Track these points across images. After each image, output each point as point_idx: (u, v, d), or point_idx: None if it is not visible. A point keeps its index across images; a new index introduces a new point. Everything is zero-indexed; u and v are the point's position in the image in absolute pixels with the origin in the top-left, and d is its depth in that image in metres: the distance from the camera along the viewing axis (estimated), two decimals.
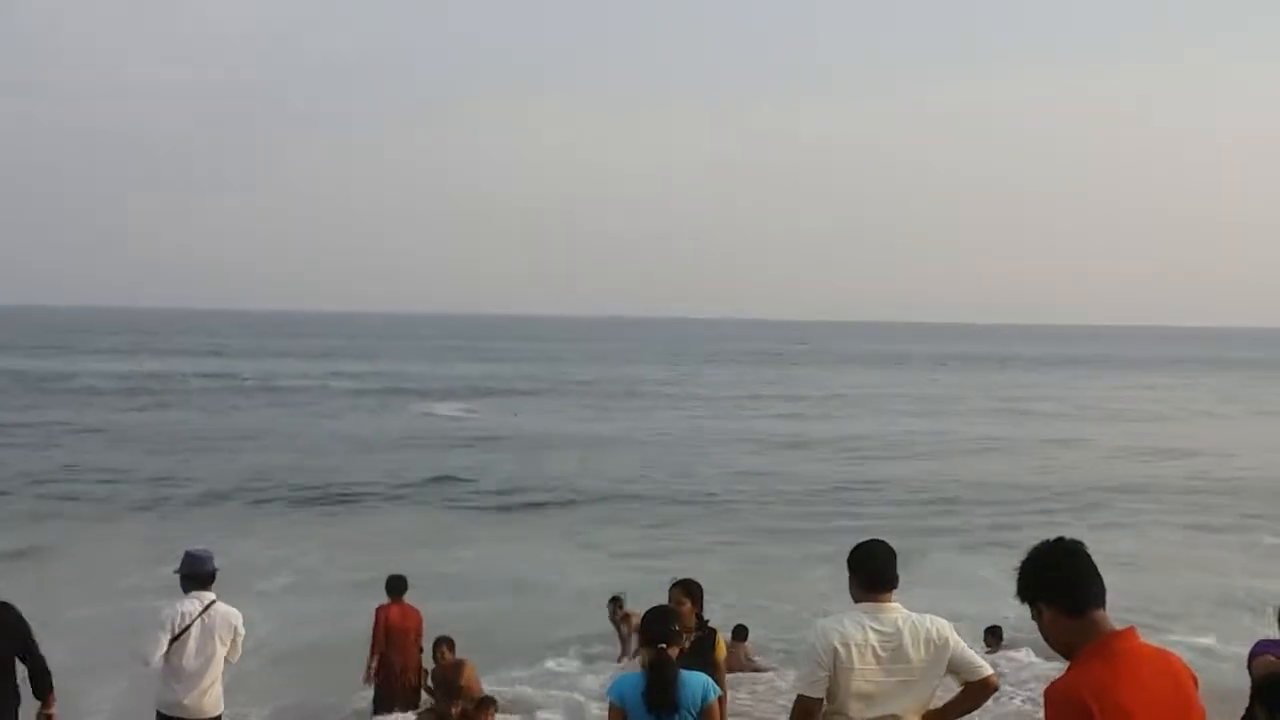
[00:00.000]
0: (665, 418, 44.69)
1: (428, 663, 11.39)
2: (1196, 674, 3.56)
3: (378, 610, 11.26)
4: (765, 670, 13.13)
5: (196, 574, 7.49)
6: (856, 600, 5.04)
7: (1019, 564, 3.62)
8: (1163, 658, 3.55)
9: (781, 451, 35.01)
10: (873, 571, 5.02)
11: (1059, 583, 3.52)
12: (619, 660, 13.37)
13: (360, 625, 11.67)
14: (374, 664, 11.09)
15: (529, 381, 65.13)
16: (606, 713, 5.44)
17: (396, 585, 11.41)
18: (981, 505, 24.91)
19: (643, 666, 5.33)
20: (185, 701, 7.39)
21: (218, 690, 7.56)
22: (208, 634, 7.42)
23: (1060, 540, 3.64)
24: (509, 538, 21.68)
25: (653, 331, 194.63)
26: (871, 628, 4.87)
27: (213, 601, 7.51)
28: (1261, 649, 5.54)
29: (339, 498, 25.28)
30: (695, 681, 5.41)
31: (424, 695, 11.38)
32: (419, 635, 11.32)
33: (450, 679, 10.93)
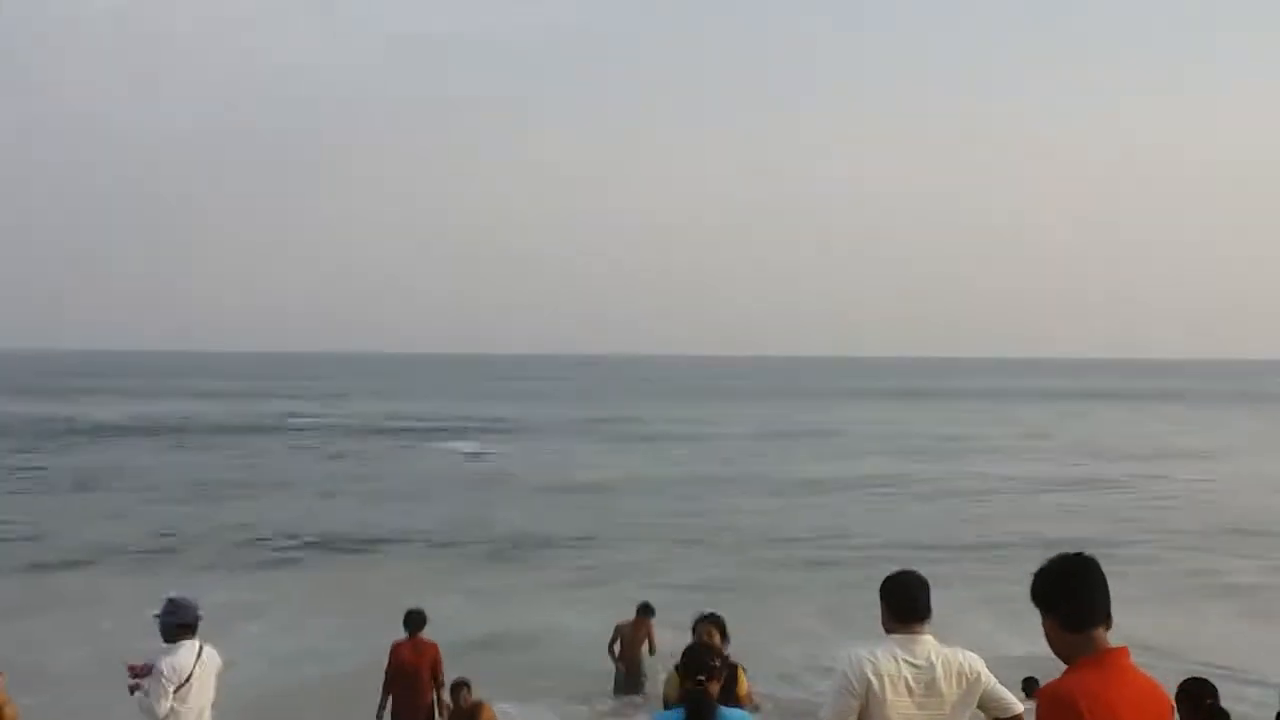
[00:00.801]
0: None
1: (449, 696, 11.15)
2: None
3: (392, 648, 11.14)
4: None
5: (185, 622, 7.58)
6: (889, 631, 4.93)
7: (1035, 571, 3.81)
8: (1150, 681, 3.74)
9: (797, 493, 34.38)
10: (905, 601, 4.93)
11: (1063, 598, 3.72)
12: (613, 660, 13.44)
13: (348, 666, 11.29)
14: (385, 702, 10.95)
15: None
16: None
17: (412, 620, 11.20)
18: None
19: (670, 688, 5.49)
20: None
21: None
22: (205, 679, 7.60)
23: (1072, 555, 3.79)
24: (506, 584, 21.32)
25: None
26: (905, 660, 4.78)
27: (202, 647, 7.63)
28: None
29: (344, 546, 24.76)
30: (736, 717, 5.36)
31: None
32: (436, 671, 11.08)
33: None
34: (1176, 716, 5.10)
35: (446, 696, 11.12)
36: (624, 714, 13.09)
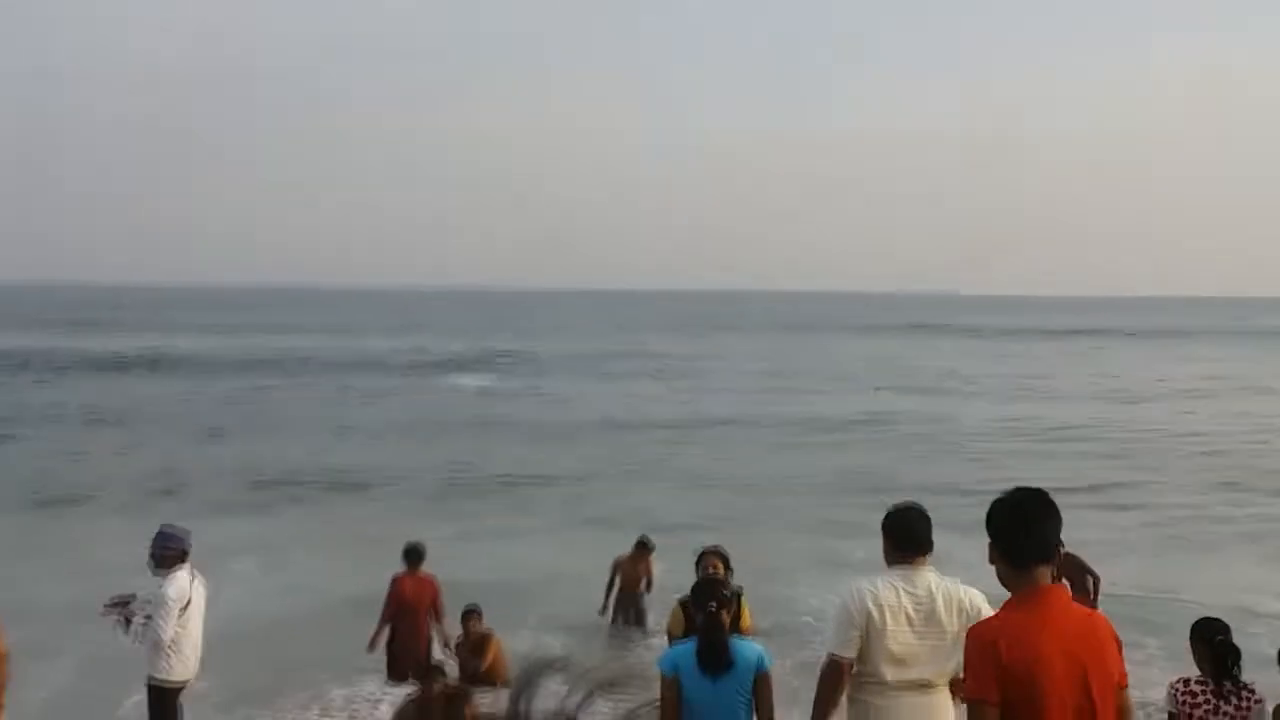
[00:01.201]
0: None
1: (455, 628, 11.19)
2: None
3: (392, 580, 11.13)
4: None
5: (178, 550, 7.99)
6: (890, 563, 5.02)
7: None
8: (1089, 617, 3.87)
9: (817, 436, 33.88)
10: (905, 533, 5.02)
11: (1007, 530, 3.78)
12: (601, 611, 13.40)
13: (337, 600, 11.35)
14: (379, 633, 11.03)
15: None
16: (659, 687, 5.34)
17: (411, 554, 11.19)
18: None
19: (674, 622, 5.69)
20: (191, 667, 8.09)
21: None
22: (201, 604, 8.14)
23: (1026, 490, 3.89)
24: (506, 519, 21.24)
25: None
26: (905, 590, 4.85)
27: (195, 573, 8.14)
28: None
29: (341, 483, 24.56)
30: (749, 649, 5.47)
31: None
32: (435, 605, 11.05)
33: (469, 657, 10.88)
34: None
35: (448, 629, 11.10)
36: (625, 647, 13.03)
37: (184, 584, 7.94)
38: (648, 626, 13.28)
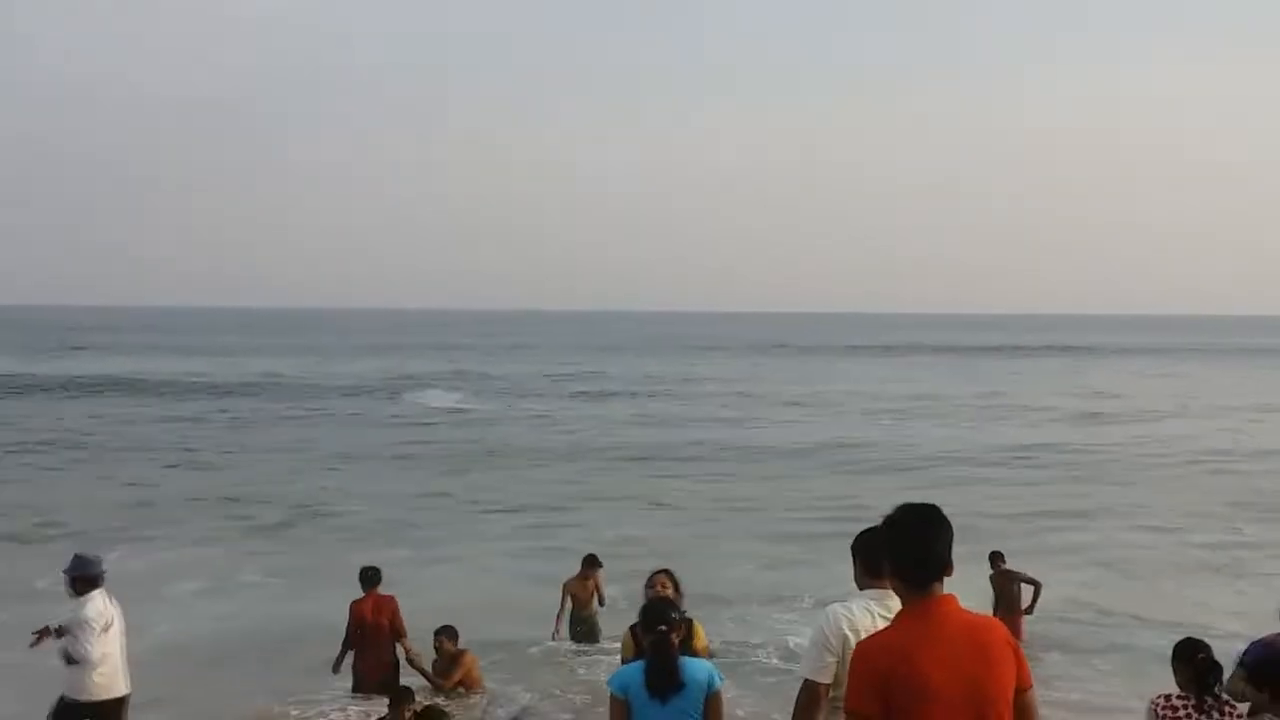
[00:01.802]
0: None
1: (420, 646, 11.39)
2: None
3: (351, 606, 11.27)
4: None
5: (92, 574, 8.43)
6: (861, 587, 4.91)
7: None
8: (982, 626, 3.85)
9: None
10: (877, 556, 4.73)
11: (896, 547, 3.89)
12: (553, 637, 13.35)
13: (286, 626, 11.99)
14: (343, 655, 11.23)
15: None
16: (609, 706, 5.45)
17: (367, 577, 11.33)
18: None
19: (626, 650, 5.68)
20: (119, 683, 8.47)
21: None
22: (119, 624, 8.50)
23: (915, 506, 3.97)
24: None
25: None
26: (880, 614, 4.70)
27: (109, 596, 8.53)
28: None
29: (298, 508, 24.06)
30: (699, 668, 5.50)
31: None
32: (395, 624, 11.12)
33: (441, 674, 11.27)
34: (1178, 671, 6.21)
35: (409, 645, 11.19)
36: (584, 668, 12.94)
37: (100, 605, 8.35)
38: (603, 643, 13.21)
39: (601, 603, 13.60)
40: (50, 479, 28.03)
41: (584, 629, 13.52)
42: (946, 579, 3.88)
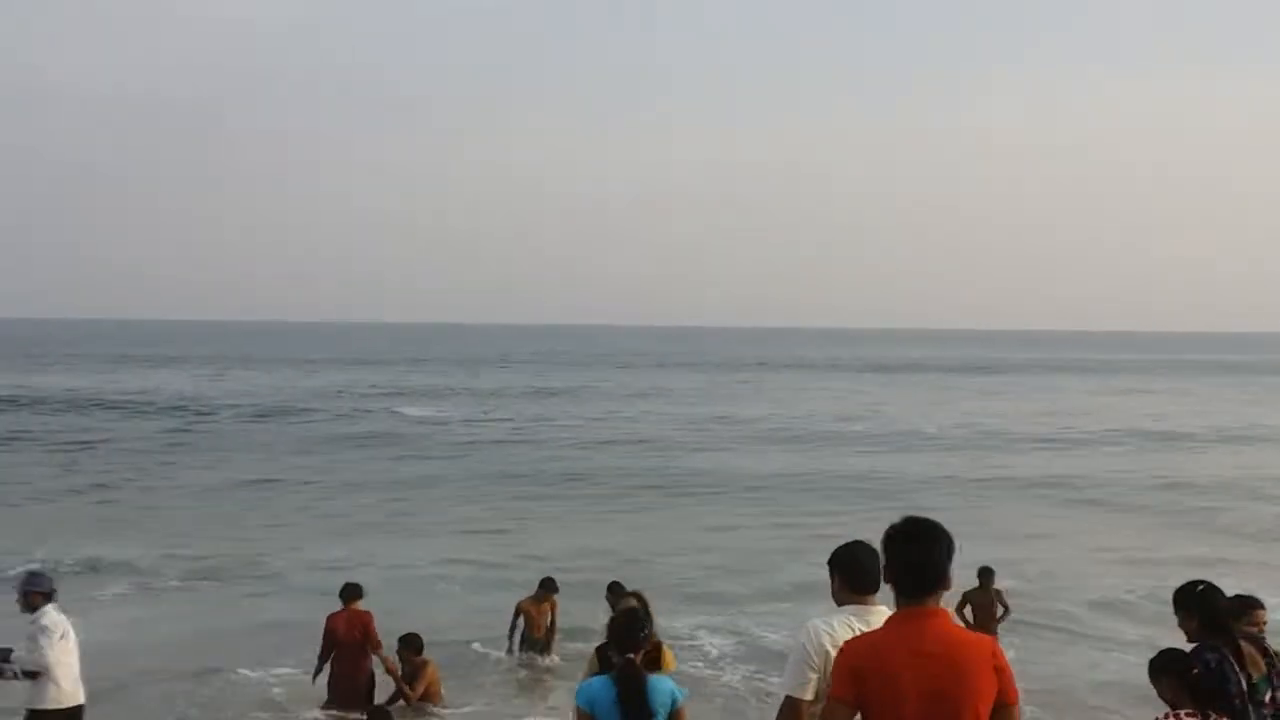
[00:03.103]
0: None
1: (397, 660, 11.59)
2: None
3: (327, 618, 11.44)
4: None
5: (45, 590, 8.86)
6: (840, 603, 4.93)
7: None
8: (967, 642, 3.93)
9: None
10: (857, 572, 4.90)
11: (888, 558, 4.03)
12: (508, 652, 13.50)
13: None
14: (319, 668, 11.42)
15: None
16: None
17: (346, 592, 11.53)
18: None
19: (591, 670, 5.74)
20: (72, 695, 8.78)
21: None
22: (72, 635, 8.85)
23: (912, 521, 4.06)
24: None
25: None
26: (860, 630, 4.69)
27: (61, 610, 8.95)
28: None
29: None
30: (663, 686, 5.63)
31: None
32: (370, 638, 11.27)
33: (407, 682, 11.44)
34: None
35: (388, 658, 11.40)
36: (530, 687, 13.04)
37: (56, 616, 8.75)
38: (551, 665, 13.36)
39: (553, 631, 13.55)
40: None
41: (535, 650, 13.54)
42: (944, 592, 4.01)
